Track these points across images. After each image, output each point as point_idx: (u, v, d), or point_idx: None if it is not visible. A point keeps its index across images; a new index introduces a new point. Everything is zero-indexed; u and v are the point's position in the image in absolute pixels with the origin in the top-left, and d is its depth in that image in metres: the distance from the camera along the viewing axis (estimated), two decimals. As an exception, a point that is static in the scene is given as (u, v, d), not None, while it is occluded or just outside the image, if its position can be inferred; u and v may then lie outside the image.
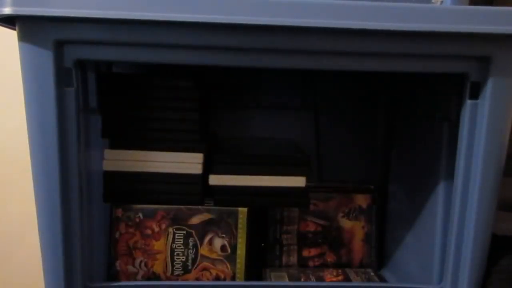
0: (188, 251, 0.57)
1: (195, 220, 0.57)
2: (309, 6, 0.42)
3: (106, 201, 0.57)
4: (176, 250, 0.57)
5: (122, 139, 0.57)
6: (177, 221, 0.57)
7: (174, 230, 0.57)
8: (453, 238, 0.50)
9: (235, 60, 0.45)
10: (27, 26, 0.43)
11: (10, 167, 0.83)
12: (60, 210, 0.46)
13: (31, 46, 0.43)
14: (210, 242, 0.58)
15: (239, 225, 0.58)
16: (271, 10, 0.42)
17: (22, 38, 0.43)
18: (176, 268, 0.58)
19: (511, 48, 0.45)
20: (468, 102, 0.48)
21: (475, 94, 0.47)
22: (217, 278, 0.58)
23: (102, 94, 0.57)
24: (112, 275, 0.57)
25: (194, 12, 0.41)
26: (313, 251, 0.69)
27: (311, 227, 0.69)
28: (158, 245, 0.57)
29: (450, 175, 0.52)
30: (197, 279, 0.58)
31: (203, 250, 0.58)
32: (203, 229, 0.57)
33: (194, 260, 0.58)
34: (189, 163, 0.57)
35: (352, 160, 0.75)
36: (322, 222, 0.69)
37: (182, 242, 0.57)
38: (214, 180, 0.58)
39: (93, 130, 0.56)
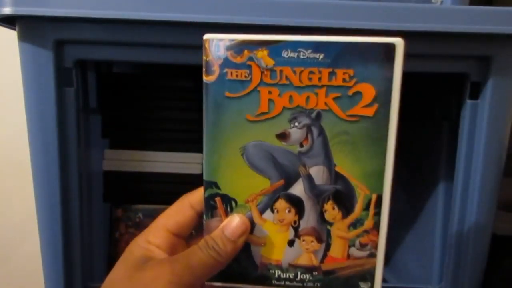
0: (188, 251, 0.57)
1: (195, 220, 0.57)
2: (312, 6, 0.42)
3: (106, 201, 0.57)
4: (176, 250, 0.57)
5: (122, 139, 0.57)
6: (177, 221, 0.57)
7: (174, 230, 0.57)
8: (453, 238, 0.50)
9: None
10: (27, 26, 0.42)
11: (10, 167, 0.83)
12: (60, 210, 0.46)
13: (31, 46, 0.43)
14: (210, 242, 0.57)
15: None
16: (275, 10, 0.42)
17: (22, 38, 0.43)
18: (176, 268, 0.57)
19: (511, 48, 0.45)
20: (468, 102, 0.48)
21: (475, 94, 0.47)
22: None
23: (102, 94, 0.57)
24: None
25: (195, 12, 0.41)
26: (313, 251, 0.69)
27: (311, 227, 0.69)
28: (158, 245, 0.57)
29: (450, 175, 0.52)
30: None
31: (203, 250, 0.57)
32: (203, 229, 0.57)
33: (194, 260, 0.57)
34: (189, 163, 0.57)
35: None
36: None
37: (182, 242, 0.57)
38: (214, 180, 0.58)
39: (93, 130, 0.55)
